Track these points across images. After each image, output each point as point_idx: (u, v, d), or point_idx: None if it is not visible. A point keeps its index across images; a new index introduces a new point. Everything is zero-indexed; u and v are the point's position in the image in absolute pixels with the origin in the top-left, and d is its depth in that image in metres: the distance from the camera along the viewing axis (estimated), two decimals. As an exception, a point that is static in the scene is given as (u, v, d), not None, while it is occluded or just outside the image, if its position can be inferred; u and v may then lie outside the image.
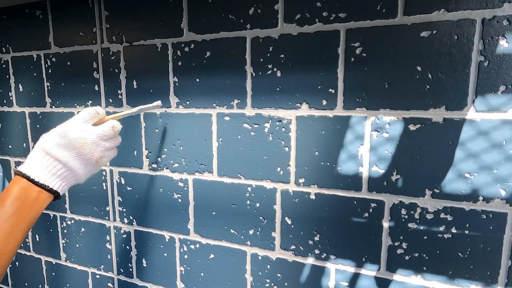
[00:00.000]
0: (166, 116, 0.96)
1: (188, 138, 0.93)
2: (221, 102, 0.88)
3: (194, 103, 0.91)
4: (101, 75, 1.02)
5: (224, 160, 0.90)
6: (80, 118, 0.72)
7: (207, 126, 0.91)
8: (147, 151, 1.00)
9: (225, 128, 0.88)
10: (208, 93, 0.89)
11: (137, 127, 1.00)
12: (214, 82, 0.88)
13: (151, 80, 0.96)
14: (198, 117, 0.91)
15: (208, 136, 0.91)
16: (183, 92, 0.92)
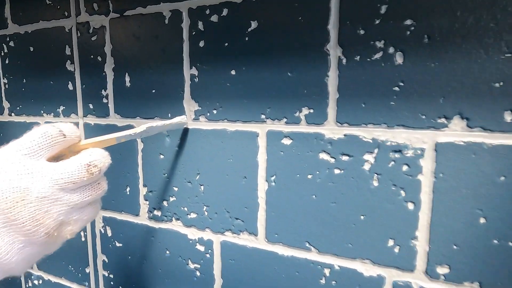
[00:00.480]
0: (178, 133, 0.52)
1: (215, 172, 0.50)
2: (275, 112, 0.45)
3: (227, 113, 0.48)
4: (77, 66, 0.60)
5: (279, 215, 0.46)
6: (22, 147, 0.32)
7: (248, 152, 0.47)
8: (146, 189, 0.56)
9: (282, 159, 0.45)
10: (251, 96, 0.46)
11: (131, 150, 0.57)
12: (260, 75, 0.45)
13: (155, 72, 0.53)
14: (232, 136, 0.48)
15: (251, 171, 0.47)
16: (206, 95, 0.49)
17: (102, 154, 0.34)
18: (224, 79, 0.48)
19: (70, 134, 0.33)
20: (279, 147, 0.45)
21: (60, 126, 0.33)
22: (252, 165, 0.47)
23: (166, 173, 0.54)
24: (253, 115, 0.47)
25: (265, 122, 0.46)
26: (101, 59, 0.57)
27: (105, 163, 0.34)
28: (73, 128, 0.34)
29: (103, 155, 0.34)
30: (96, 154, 0.33)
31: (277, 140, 0.45)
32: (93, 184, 0.33)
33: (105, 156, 0.34)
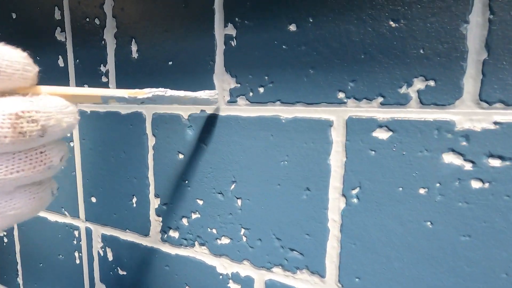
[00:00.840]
0: (204, 122, 0.34)
1: (260, 179, 0.32)
2: (363, 87, 0.26)
3: (281, 91, 0.30)
4: (69, 34, 0.42)
5: (364, 249, 0.28)
6: None
7: (315, 151, 0.29)
8: (159, 201, 0.39)
9: (373, 162, 0.27)
10: (322, 63, 0.28)
11: (139, 146, 0.39)
12: (338, 28, 0.26)
13: (173, 37, 0.35)
14: (289, 126, 0.30)
15: (318, 180, 0.29)
16: (249, 65, 0.31)
17: (56, 104, 0.17)
18: (277, 39, 0.30)
19: (8, 69, 0.16)
20: (368, 143, 0.27)
21: None
22: (320, 171, 0.29)
23: (187, 179, 0.36)
24: (325, 94, 0.28)
25: (344, 104, 0.28)
26: (99, 22, 0.40)
27: (57, 119, 0.17)
28: (20, 58, 0.17)
29: (57, 105, 0.17)
30: (41, 102, 0.17)
31: (365, 132, 0.27)
32: (29, 153, 0.17)
33: (61, 108, 0.17)
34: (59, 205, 0.48)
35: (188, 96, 0.28)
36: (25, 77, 0.17)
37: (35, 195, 0.19)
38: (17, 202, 0.18)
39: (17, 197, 0.18)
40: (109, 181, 0.42)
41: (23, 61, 0.17)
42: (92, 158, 0.44)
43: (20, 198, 0.18)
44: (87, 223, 0.46)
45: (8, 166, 0.16)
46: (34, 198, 0.19)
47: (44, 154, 0.18)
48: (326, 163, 0.29)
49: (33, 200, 0.19)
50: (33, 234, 0.52)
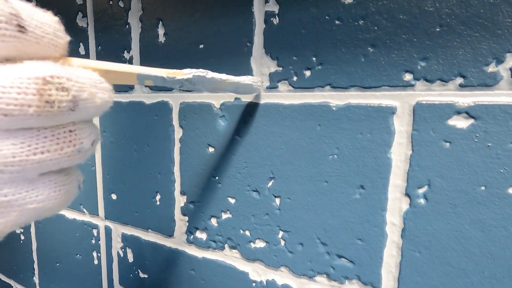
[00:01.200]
0: (238, 112, 0.29)
1: (303, 175, 0.27)
2: (437, 66, 0.21)
3: (331, 73, 0.24)
4: (91, 19, 0.38)
5: (432, 259, 0.23)
6: None
7: (372, 143, 0.24)
8: (185, 199, 0.33)
9: (447, 156, 0.22)
10: (384, 38, 0.22)
11: (164, 139, 0.34)
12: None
13: (205, 17, 0.30)
14: (340, 114, 0.25)
15: (374, 177, 0.24)
16: (293, 45, 0.26)
17: (91, 76, 0.14)
18: (329, 14, 0.24)
19: (37, 30, 0.12)
20: (441, 134, 0.22)
21: (16, 5, 0.12)
22: (377, 166, 0.24)
23: (218, 175, 0.31)
24: (387, 75, 0.23)
25: (411, 87, 0.22)
26: (123, 5, 0.35)
27: (90, 93, 0.14)
28: (51, 21, 0.13)
29: (91, 77, 0.14)
30: (73, 70, 0.13)
31: (438, 120, 0.22)
32: (56, 131, 0.13)
33: (95, 82, 0.14)
34: (78, 201, 0.44)
35: (231, 80, 0.23)
36: (56, 43, 0.13)
37: (61, 187, 0.15)
38: (40, 194, 0.14)
39: (40, 187, 0.14)
40: (131, 177, 0.38)
41: (54, 25, 0.13)
42: (113, 152, 0.39)
43: (44, 188, 0.14)
44: (107, 221, 0.41)
45: (31, 145, 0.12)
46: (60, 190, 0.14)
47: (73, 133, 0.14)
48: (386, 156, 0.24)
49: (58, 192, 0.14)
50: (50, 232, 0.48)
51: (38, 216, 0.14)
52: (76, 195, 0.16)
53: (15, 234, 0.53)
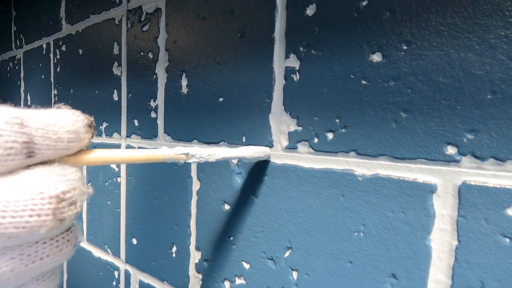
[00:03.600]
0: (255, 170, 0.26)
1: (324, 250, 0.23)
2: (489, 138, 0.16)
3: (357, 138, 0.21)
4: (124, 68, 0.38)
5: None
6: None
7: (406, 225, 0.20)
8: (200, 256, 0.31)
9: (511, 253, 0.15)
10: (420, 103, 0.18)
11: (182, 190, 0.32)
12: (446, 55, 0.16)
13: (225, 70, 0.28)
14: (367, 187, 0.21)
15: (409, 266, 0.19)
16: (314, 104, 0.22)
17: (80, 175, 0.13)
18: (355, 72, 0.21)
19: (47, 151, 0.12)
20: (496, 226, 0.16)
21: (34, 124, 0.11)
22: (413, 253, 0.19)
23: (233, 235, 0.28)
24: (424, 146, 0.19)
25: (456, 163, 0.18)
26: (152, 56, 0.35)
27: (83, 193, 0.13)
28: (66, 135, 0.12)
29: (80, 176, 0.13)
30: (74, 173, 0.13)
31: (492, 208, 0.17)
32: (58, 236, 0.12)
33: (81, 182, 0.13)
34: (103, 241, 0.43)
35: (235, 156, 0.21)
36: (68, 150, 0.13)
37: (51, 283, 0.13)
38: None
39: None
40: (150, 224, 0.36)
41: (68, 137, 0.12)
42: (137, 197, 0.38)
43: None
44: (127, 265, 0.40)
45: (30, 255, 0.11)
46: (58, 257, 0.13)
47: (70, 231, 0.13)
48: (424, 244, 0.19)
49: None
50: (80, 267, 0.48)
51: None
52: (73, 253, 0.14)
53: (51, 263, 0.55)
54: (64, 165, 0.12)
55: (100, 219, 0.44)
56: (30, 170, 0.11)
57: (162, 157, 0.17)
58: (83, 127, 0.13)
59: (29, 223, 0.10)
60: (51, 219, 0.11)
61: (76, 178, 0.12)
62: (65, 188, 0.11)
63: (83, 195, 0.12)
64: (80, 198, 0.12)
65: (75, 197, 0.12)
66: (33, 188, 0.11)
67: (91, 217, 0.45)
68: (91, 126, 0.13)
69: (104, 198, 0.43)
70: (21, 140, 0.11)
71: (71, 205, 0.11)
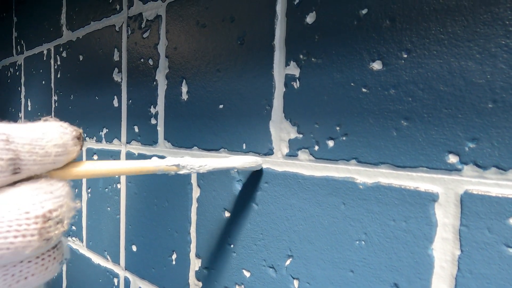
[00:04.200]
0: (256, 178, 0.26)
1: (325, 259, 0.23)
2: (501, 154, 0.16)
3: (358, 146, 0.21)
4: (125, 74, 0.38)
5: None
6: None
7: (407, 234, 0.19)
8: (200, 263, 0.30)
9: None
10: (421, 111, 0.18)
11: (182, 197, 0.32)
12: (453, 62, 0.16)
13: (225, 77, 0.28)
14: (368, 195, 0.21)
15: (410, 275, 0.19)
16: (315, 111, 0.22)
17: (68, 190, 0.12)
18: (355, 80, 0.21)
19: (33, 166, 0.11)
20: (499, 236, 0.16)
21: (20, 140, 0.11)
22: (415, 263, 0.19)
23: (233, 243, 0.28)
24: (425, 155, 0.18)
25: (457, 172, 0.18)
26: (152, 63, 0.35)
27: (70, 209, 0.12)
28: (53, 149, 0.12)
29: (68, 191, 0.12)
30: (60, 189, 0.12)
31: (495, 217, 0.16)
32: (44, 254, 0.12)
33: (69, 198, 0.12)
34: (103, 247, 0.43)
35: (227, 166, 0.21)
36: (56, 164, 0.12)
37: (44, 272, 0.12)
38: None
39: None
40: (150, 231, 0.36)
41: (55, 151, 0.12)
42: (137, 204, 0.38)
43: None
44: (127, 272, 0.39)
45: (14, 274, 0.11)
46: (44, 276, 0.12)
47: (56, 249, 0.12)
48: (426, 253, 0.19)
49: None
50: (79, 274, 0.47)
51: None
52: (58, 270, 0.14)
53: (51, 269, 0.54)
54: (51, 180, 0.12)
55: (99, 226, 0.44)
56: (15, 187, 0.11)
57: (152, 169, 0.17)
58: (72, 139, 0.13)
59: (13, 244, 0.10)
60: (36, 239, 0.10)
61: (64, 193, 0.12)
62: (52, 206, 0.11)
63: (70, 212, 0.12)
64: (67, 215, 0.12)
65: (62, 215, 0.11)
66: (18, 207, 0.10)
67: (91, 224, 0.45)
68: (80, 138, 0.13)
69: (104, 205, 0.43)
70: (7, 157, 0.10)
71: (58, 223, 0.11)
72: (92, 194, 0.45)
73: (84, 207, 0.46)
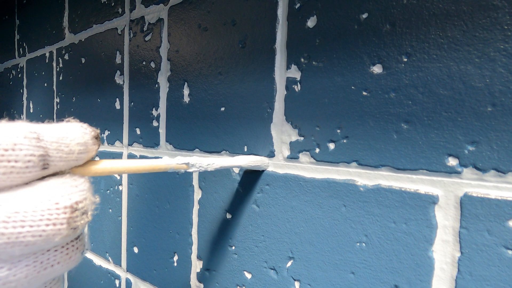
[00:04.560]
0: (257, 180, 0.26)
1: (326, 261, 0.23)
2: (500, 157, 0.16)
3: (358, 149, 0.21)
4: (127, 77, 0.38)
5: None
6: None
7: (407, 236, 0.20)
8: (202, 265, 0.31)
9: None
10: (420, 115, 0.18)
11: (184, 199, 0.32)
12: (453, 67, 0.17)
13: (227, 80, 0.28)
14: (369, 197, 0.21)
15: (410, 277, 0.19)
16: (316, 114, 0.23)
17: (87, 188, 0.13)
18: (355, 84, 0.21)
19: (59, 162, 0.12)
20: (499, 238, 0.16)
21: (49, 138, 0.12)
22: (416, 265, 0.19)
23: (234, 245, 0.28)
24: (425, 158, 0.19)
25: (457, 175, 0.18)
26: (154, 66, 0.35)
27: (92, 202, 0.13)
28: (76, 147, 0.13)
29: (89, 189, 0.13)
30: (83, 184, 0.13)
31: (494, 219, 0.17)
32: (68, 244, 0.13)
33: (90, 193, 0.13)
34: (104, 249, 0.43)
35: (234, 165, 0.21)
36: (77, 161, 0.13)
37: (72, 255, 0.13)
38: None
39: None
40: (152, 233, 0.36)
41: (78, 149, 0.13)
42: (138, 206, 0.38)
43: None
44: (128, 274, 0.39)
45: (43, 262, 0.12)
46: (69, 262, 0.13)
47: (78, 239, 0.13)
48: (426, 255, 0.19)
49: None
50: (81, 276, 0.48)
51: None
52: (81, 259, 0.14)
53: (52, 271, 0.54)
54: (74, 176, 0.13)
55: (101, 227, 0.44)
56: (44, 181, 0.12)
57: (164, 167, 0.18)
58: (91, 139, 0.14)
59: (45, 231, 0.11)
60: (65, 228, 0.11)
61: (86, 188, 0.13)
62: (78, 198, 0.12)
63: (92, 205, 0.13)
64: (90, 208, 0.13)
65: (87, 207, 0.12)
66: (49, 198, 0.11)
67: (93, 225, 0.45)
68: (98, 138, 0.14)
69: (106, 206, 0.43)
70: (38, 153, 0.11)
71: (83, 214, 0.12)
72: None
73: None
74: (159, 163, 0.17)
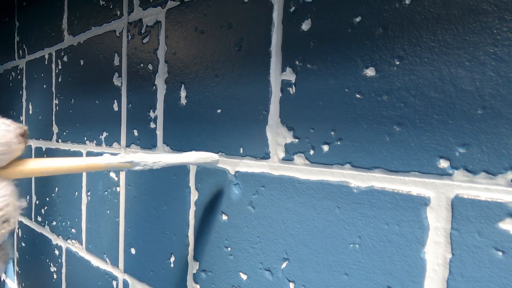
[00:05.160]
0: (253, 182, 0.26)
1: (320, 262, 0.23)
2: (490, 159, 0.16)
3: (352, 151, 0.21)
4: (125, 79, 0.39)
5: None
6: None
7: (400, 237, 0.20)
8: (198, 266, 0.31)
9: (505, 268, 0.16)
10: (416, 117, 0.18)
11: (180, 200, 0.32)
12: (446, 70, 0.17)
13: (223, 82, 0.29)
14: (362, 199, 0.21)
15: (403, 278, 0.19)
16: (310, 116, 0.23)
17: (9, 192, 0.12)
18: (349, 86, 0.21)
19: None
20: (489, 239, 0.17)
21: None
22: (408, 266, 0.19)
23: (230, 246, 0.28)
24: (417, 160, 0.19)
25: (448, 177, 0.18)
26: (152, 68, 0.35)
27: (15, 208, 0.12)
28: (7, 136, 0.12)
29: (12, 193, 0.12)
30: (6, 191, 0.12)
31: (485, 221, 0.17)
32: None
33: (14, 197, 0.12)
34: (102, 250, 0.43)
35: (181, 162, 0.21)
36: (1, 160, 0.12)
37: None
38: None
39: None
40: (149, 234, 0.36)
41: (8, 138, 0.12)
42: (136, 207, 0.38)
43: None
44: (125, 275, 0.39)
45: None
46: None
47: (1, 249, 0.12)
48: (418, 256, 0.19)
49: None
50: (78, 276, 0.48)
51: None
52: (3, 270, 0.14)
53: (49, 271, 0.54)
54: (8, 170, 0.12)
55: (99, 228, 0.44)
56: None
57: (104, 165, 0.16)
58: (15, 137, 0.12)
59: None
60: None
61: (8, 192, 0.11)
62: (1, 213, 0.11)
63: (16, 211, 0.12)
64: (13, 214, 0.11)
65: (8, 214, 0.11)
66: None
67: (90, 226, 0.45)
68: (24, 136, 0.13)
69: (103, 208, 0.43)
70: None
71: (3, 222, 0.11)
72: (91, 197, 0.45)
73: (83, 210, 0.46)
74: (98, 162, 0.16)
